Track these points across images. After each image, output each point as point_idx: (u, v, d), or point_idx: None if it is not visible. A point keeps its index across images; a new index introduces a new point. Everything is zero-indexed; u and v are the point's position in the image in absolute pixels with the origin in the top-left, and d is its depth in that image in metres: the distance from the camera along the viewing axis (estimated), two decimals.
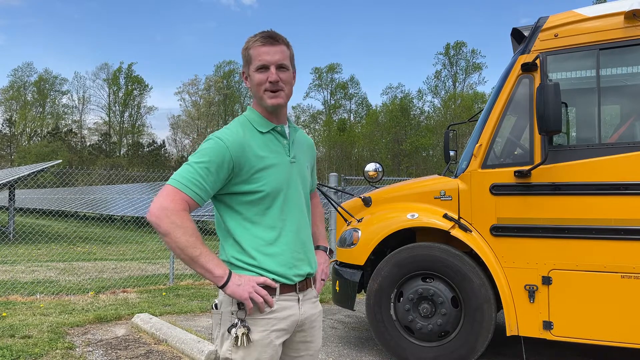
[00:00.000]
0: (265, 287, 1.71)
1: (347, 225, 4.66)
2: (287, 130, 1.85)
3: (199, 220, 19.50)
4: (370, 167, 4.90)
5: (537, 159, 3.77)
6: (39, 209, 32.47)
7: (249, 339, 1.68)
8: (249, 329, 1.68)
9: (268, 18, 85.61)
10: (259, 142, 1.74)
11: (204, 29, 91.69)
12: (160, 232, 1.61)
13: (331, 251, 2.10)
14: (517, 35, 4.36)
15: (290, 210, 1.77)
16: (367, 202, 4.60)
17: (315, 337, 1.90)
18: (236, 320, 1.68)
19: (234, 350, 1.69)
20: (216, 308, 1.77)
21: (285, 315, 1.75)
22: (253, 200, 1.72)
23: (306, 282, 1.84)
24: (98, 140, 64.41)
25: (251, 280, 1.68)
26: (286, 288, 1.76)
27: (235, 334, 1.66)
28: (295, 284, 1.79)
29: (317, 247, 2.05)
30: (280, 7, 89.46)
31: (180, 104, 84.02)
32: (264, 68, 1.72)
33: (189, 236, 1.61)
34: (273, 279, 1.72)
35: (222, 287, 1.64)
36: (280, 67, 1.73)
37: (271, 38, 1.73)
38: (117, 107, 66.83)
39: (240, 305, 1.68)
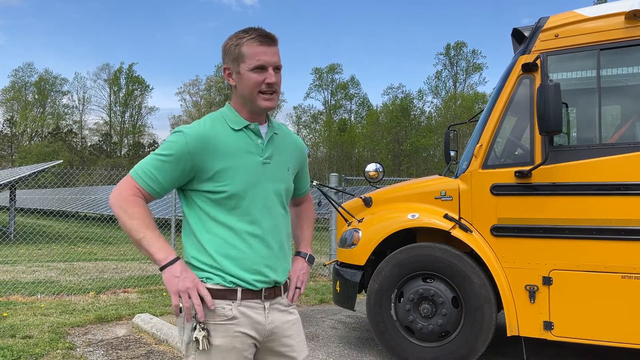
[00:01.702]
0: (226, 288, 1.65)
1: (348, 225, 4.66)
2: (264, 130, 1.76)
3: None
4: (371, 167, 4.91)
5: (538, 159, 3.77)
6: (40, 209, 32.49)
7: (209, 343, 1.62)
8: (208, 332, 1.63)
9: (269, 18, 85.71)
10: (228, 140, 1.68)
11: (205, 29, 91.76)
12: (115, 215, 1.66)
13: (312, 258, 1.93)
14: (517, 36, 4.36)
15: (257, 213, 1.68)
16: (367, 202, 4.60)
17: (295, 346, 1.79)
18: (195, 323, 1.62)
19: (197, 355, 1.64)
20: (181, 311, 1.68)
21: (247, 322, 1.67)
22: (218, 200, 1.66)
23: (274, 290, 1.74)
24: (99, 141, 64.46)
25: (194, 281, 1.59)
26: (249, 294, 1.67)
27: (195, 337, 1.61)
28: (260, 290, 1.69)
29: (297, 253, 1.94)
30: (281, 7, 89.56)
31: (181, 104, 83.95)
32: (261, 68, 1.66)
33: (133, 220, 1.61)
34: (233, 283, 1.66)
35: (161, 270, 1.60)
36: (276, 68, 1.69)
37: (269, 38, 1.67)
38: (118, 108, 66.90)
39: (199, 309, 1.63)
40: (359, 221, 4.52)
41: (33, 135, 65.51)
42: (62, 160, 27.28)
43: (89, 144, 64.69)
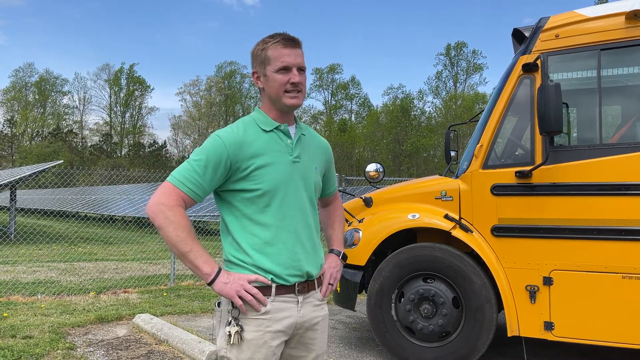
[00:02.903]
0: (260, 286, 1.72)
1: (348, 225, 4.66)
2: (292, 130, 1.86)
3: (200, 221, 19.53)
4: (371, 167, 4.90)
5: (538, 159, 3.77)
6: (40, 209, 32.51)
7: (241, 338, 1.71)
8: (242, 328, 1.71)
9: (270, 18, 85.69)
10: (261, 141, 1.77)
11: (206, 29, 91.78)
12: (155, 226, 1.70)
13: (345, 256, 2.05)
14: (518, 36, 4.36)
15: (289, 210, 1.77)
16: (368, 202, 4.60)
17: (317, 340, 1.87)
18: (230, 318, 1.72)
19: (228, 348, 1.73)
20: (218, 306, 1.80)
21: (281, 317, 1.74)
22: (251, 198, 1.74)
23: (307, 284, 1.82)
24: (99, 141, 64.47)
25: (241, 279, 1.70)
26: (283, 289, 1.74)
27: (229, 331, 1.70)
28: (294, 285, 1.77)
29: (330, 251, 2.04)
30: (283, 7, 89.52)
31: (181, 105, 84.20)
32: (285, 69, 1.76)
33: (180, 232, 1.67)
34: (271, 279, 1.73)
35: (210, 284, 1.70)
36: (300, 69, 1.79)
37: (292, 41, 1.78)
38: (119, 108, 66.97)
39: (234, 303, 1.71)
40: (360, 221, 4.52)
41: (33, 135, 65.55)
42: (62, 161, 27.23)
43: (89, 144, 64.71)
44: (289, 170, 1.78)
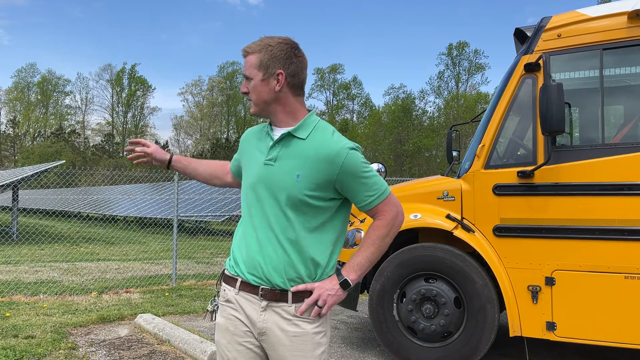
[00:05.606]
0: (229, 277, 1.83)
1: (350, 225, 4.66)
2: (276, 133, 1.79)
3: (201, 220, 19.53)
4: (373, 167, 4.89)
5: (540, 159, 3.77)
6: (42, 209, 32.56)
7: (214, 318, 1.89)
8: (214, 310, 1.90)
9: (273, 18, 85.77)
10: (255, 141, 1.88)
11: (209, 29, 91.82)
12: None
13: (347, 283, 1.75)
14: (520, 36, 4.35)
15: (253, 211, 1.78)
16: None
17: (285, 358, 1.72)
18: (214, 296, 1.93)
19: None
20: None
21: (241, 310, 1.78)
22: None
23: (273, 293, 1.71)
24: (101, 141, 64.57)
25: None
26: (248, 287, 1.76)
27: (207, 309, 1.94)
28: (258, 287, 1.73)
29: (336, 270, 1.83)
30: (286, 7, 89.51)
31: (183, 105, 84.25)
32: None
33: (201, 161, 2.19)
34: (235, 271, 1.80)
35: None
36: (246, 78, 1.81)
37: (244, 51, 1.80)
38: (121, 108, 67.10)
39: (216, 288, 1.91)
40: (361, 221, 4.52)
41: (36, 135, 65.72)
42: (64, 161, 27.23)
43: (91, 144, 64.84)
44: (257, 172, 1.78)
